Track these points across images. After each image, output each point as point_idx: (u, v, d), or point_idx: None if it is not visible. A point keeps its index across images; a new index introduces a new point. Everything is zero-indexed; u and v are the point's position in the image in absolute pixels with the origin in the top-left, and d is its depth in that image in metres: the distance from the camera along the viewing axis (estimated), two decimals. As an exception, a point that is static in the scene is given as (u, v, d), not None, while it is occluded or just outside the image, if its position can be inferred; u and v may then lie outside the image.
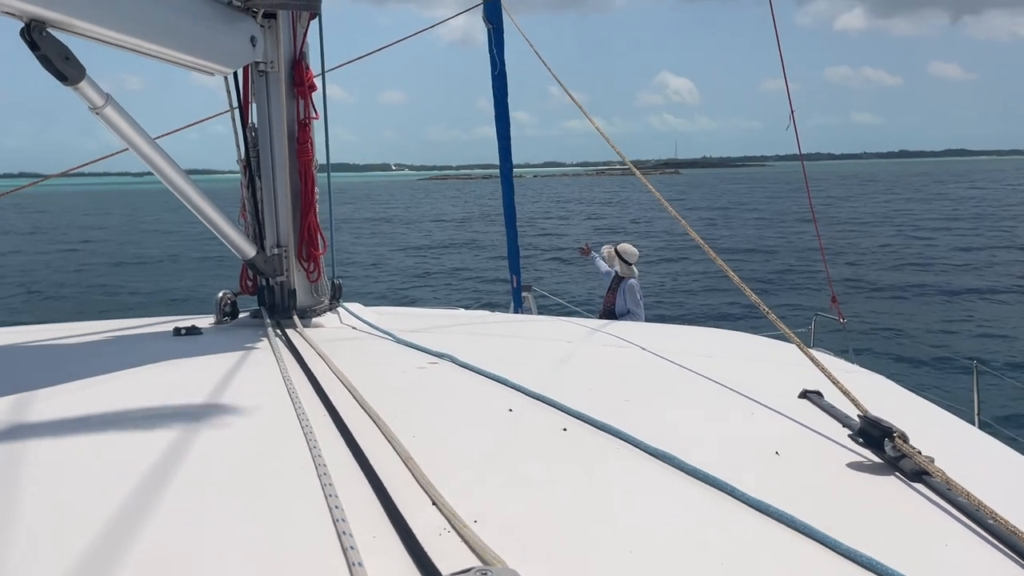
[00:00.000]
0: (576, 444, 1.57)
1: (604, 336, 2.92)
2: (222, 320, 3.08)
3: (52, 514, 1.23)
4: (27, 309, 17.13)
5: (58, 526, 1.18)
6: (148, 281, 21.59)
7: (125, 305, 17.48)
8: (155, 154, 2.51)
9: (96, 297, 18.92)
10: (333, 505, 1.21)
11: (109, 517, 1.21)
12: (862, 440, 1.51)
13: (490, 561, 1.03)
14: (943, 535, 1.21)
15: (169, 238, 33.54)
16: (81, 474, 1.40)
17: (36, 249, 30.54)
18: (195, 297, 16.84)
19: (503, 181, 7.08)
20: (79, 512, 1.23)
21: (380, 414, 1.70)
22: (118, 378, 2.16)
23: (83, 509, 1.25)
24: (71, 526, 1.18)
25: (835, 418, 1.73)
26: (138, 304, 17.56)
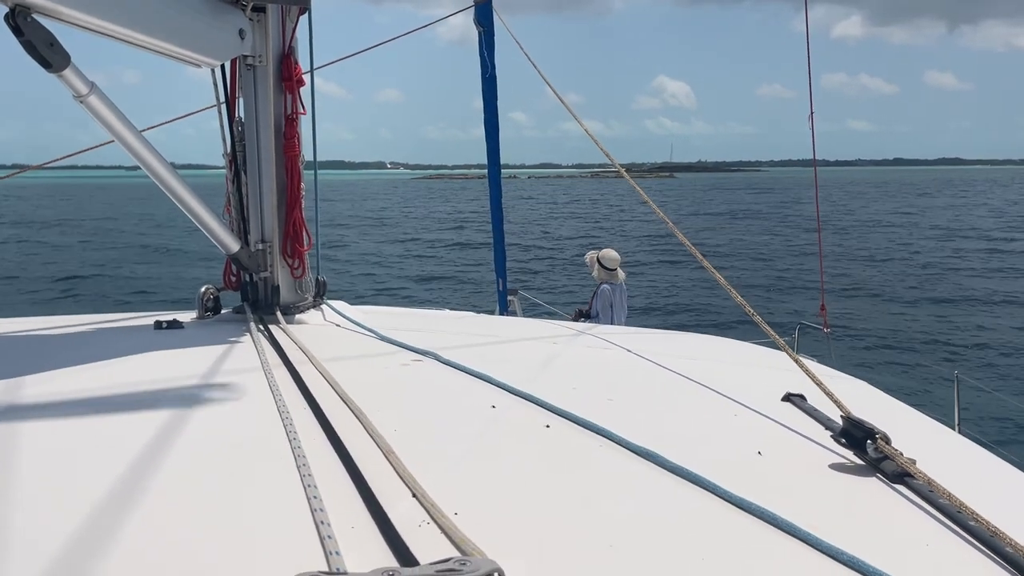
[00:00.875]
0: (558, 441, 1.57)
1: (589, 338, 2.92)
2: (204, 315, 3.05)
3: (26, 503, 1.21)
4: (9, 300, 16.99)
5: (31, 516, 1.17)
6: (130, 275, 21.47)
7: (105, 299, 17.37)
8: (140, 145, 2.49)
9: (73, 291, 18.78)
10: (311, 495, 1.20)
11: (84, 507, 1.19)
12: (844, 441, 1.51)
13: (470, 552, 1.02)
14: (925, 535, 1.21)
15: (155, 232, 33.36)
16: (55, 465, 1.38)
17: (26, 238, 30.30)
18: (180, 290, 16.74)
19: (491, 183, 7.08)
20: (51, 503, 1.22)
21: (362, 408, 1.68)
22: (96, 369, 2.14)
23: (55, 500, 1.23)
24: (44, 516, 1.17)
25: (817, 420, 1.74)
26: (118, 298, 17.45)
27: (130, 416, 1.67)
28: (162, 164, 2.57)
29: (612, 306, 7.73)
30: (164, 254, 25.73)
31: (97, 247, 28.36)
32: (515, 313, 7.51)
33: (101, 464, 1.38)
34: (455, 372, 2.11)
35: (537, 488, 1.33)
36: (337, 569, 0.97)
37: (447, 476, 1.35)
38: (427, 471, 1.32)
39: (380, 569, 0.91)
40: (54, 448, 1.47)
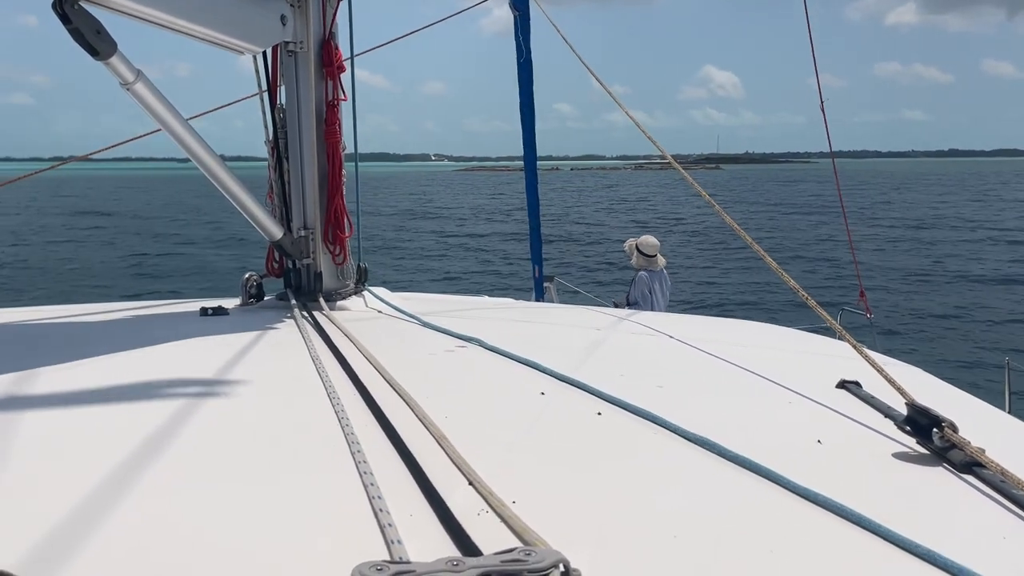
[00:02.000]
0: (612, 428, 1.54)
1: (631, 324, 2.87)
2: (248, 302, 3.08)
3: (81, 487, 1.21)
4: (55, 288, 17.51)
5: (88, 499, 1.17)
6: (176, 263, 21.96)
7: (151, 287, 17.77)
8: (185, 133, 2.51)
9: (122, 279, 19.28)
10: (368, 482, 1.18)
11: (135, 493, 1.19)
12: (909, 429, 1.46)
13: (532, 542, 1.00)
14: (1000, 528, 1.16)
15: (201, 221, 34.06)
16: (103, 450, 1.38)
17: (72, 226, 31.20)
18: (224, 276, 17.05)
19: (527, 171, 7.04)
20: (103, 487, 1.21)
21: (411, 394, 1.67)
22: (144, 354, 2.16)
23: (107, 484, 1.22)
24: (99, 501, 1.16)
25: (876, 408, 1.69)
26: (164, 286, 17.85)
27: (179, 401, 1.67)
28: (207, 151, 2.60)
29: (652, 292, 7.64)
30: (211, 243, 26.29)
31: (147, 236, 29.14)
32: (551, 299, 7.49)
33: (151, 450, 1.37)
34: (500, 358, 2.09)
35: (594, 476, 1.30)
36: (400, 558, 0.95)
37: (501, 464, 1.32)
38: (481, 458, 1.30)
39: (444, 559, 0.89)
40: (103, 433, 1.48)
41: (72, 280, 18.97)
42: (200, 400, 1.68)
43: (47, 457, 1.34)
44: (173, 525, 1.08)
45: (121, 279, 19.27)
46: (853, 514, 1.13)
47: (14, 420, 1.52)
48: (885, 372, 1.66)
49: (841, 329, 2.01)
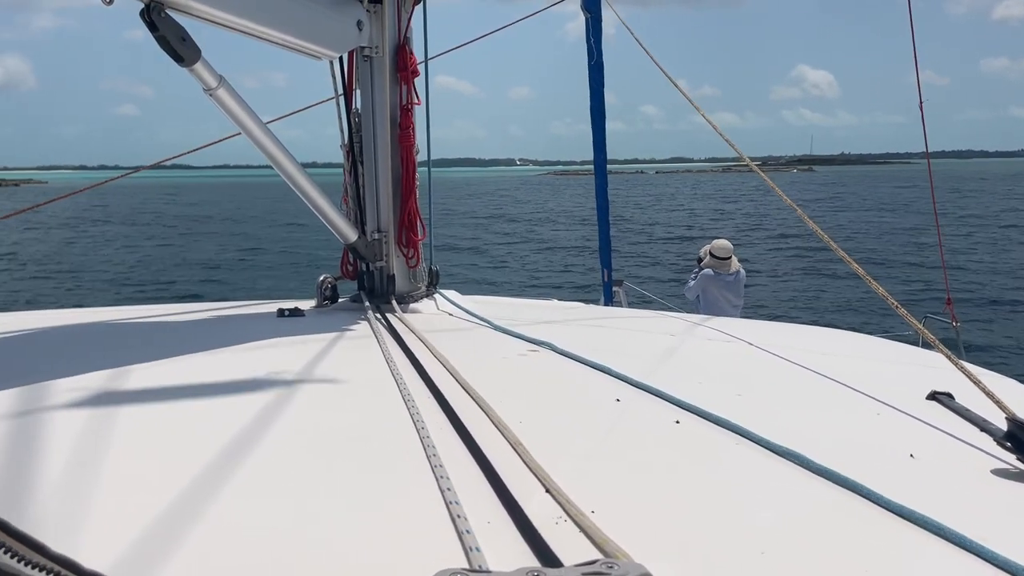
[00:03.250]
0: (691, 437, 1.49)
1: (707, 330, 2.78)
2: (323, 303, 3.14)
3: (157, 485, 1.23)
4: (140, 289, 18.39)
5: (160, 497, 1.18)
6: (252, 266, 22.73)
7: (228, 288, 18.42)
8: (265, 137, 2.58)
9: (198, 281, 20.06)
10: (445, 487, 1.17)
11: (212, 495, 1.20)
12: (1010, 445, 1.37)
13: (612, 553, 0.96)
14: None
15: (280, 224, 35.20)
16: (181, 451, 1.39)
17: (150, 235, 32.74)
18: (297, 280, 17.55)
19: (597, 174, 6.96)
20: (183, 485, 1.22)
21: (484, 398, 1.66)
22: (224, 354, 2.21)
23: (188, 482, 1.23)
24: (172, 499, 1.18)
25: (971, 421, 1.59)
26: (241, 287, 18.47)
27: (257, 402, 1.69)
28: (285, 156, 2.66)
29: (718, 294, 7.46)
30: (286, 245, 27.16)
31: (223, 240, 30.38)
32: (620, 304, 7.39)
33: (230, 451, 1.38)
34: (573, 363, 2.06)
35: (674, 486, 1.26)
36: (479, 566, 0.93)
37: (578, 471, 1.29)
38: (557, 465, 1.27)
39: (524, 569, 0.86)
40: (183, 432, 1.50)
41: (156, 281, 19.98)
42: (278, 401, 1.70)
43: (131, 456, 1.36)
44: (252, 527, 1.09)
45: (202, 280, 20.16)
46: (952, 533, 1.06)
47: (99, 417, 1.56)
48: (983, 384, 1.56)
49: (933, 339, 1.88)
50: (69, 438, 1.42)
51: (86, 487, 1.22)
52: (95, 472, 1.28)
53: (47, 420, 1.53)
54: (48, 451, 1.35)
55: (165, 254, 25.66)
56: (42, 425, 1.49)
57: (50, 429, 1.47)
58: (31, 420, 1.52)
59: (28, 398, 1.65)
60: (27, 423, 1.50)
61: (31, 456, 1.32)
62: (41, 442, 1.39)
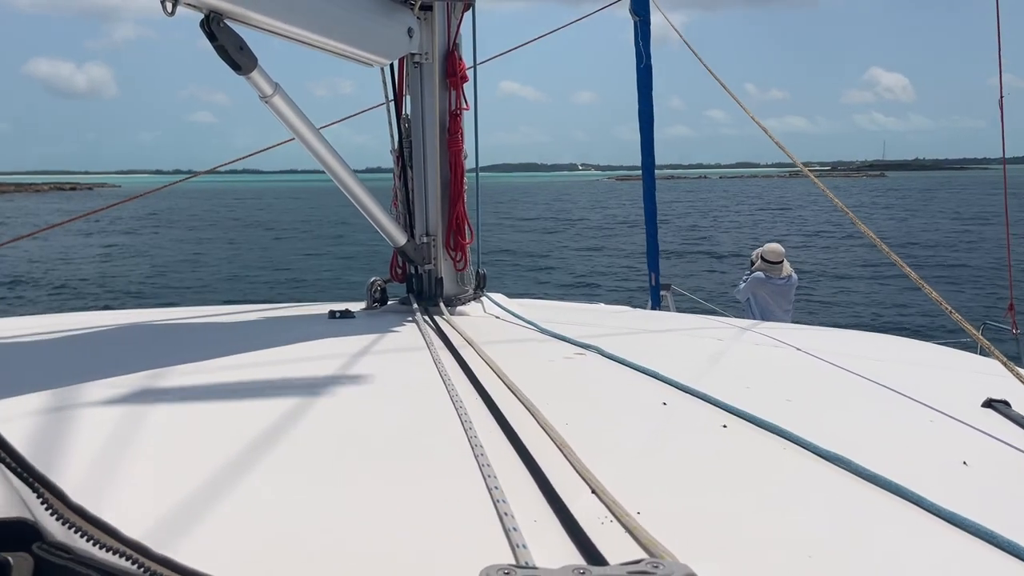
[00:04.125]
0: (738, 441, 1.49)
1: (755, 335, 2.75)
2: (372, 306, 3.20)
3: (207, 480, 1.25)
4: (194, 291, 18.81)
5: (212, 493, 1.21)
6: (304, 268, 23.09)
7: (280, 290, 18.72)
8: (318, 143, 2.64)
9: (253, 283, 20.45)
10: (492, 486, 1.19)
11: (269, 487, 1.23)
12: None
13: (658, 554, 0.97)
14: None
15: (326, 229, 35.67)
16: (237, 444, 1.42)
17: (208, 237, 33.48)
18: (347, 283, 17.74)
19: (644, 177, 6.93)
20: (235, 481, 1.25)
21: (531, 400, 1.67)
22: (277, 353, 2.26)
23: (240, 478, 1.26)
24: (225, 494, 1.20)
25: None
26: (293, 290, 18.76)
27: (309, 400, 1.73)
28: (337, 160, 2.72)
29: (768, 298, 7.35)
30: (337, 250, 27.55)
31: (280, 243, 30.96)
32: (668, 308, 7.33)
33: (280, 446, 1.42)
34: (620, 367, 2.06)
35: (720, 490, 1.26)
36: (526, 563, 0.94)
37: (624, 473, 1.30)
38: (603, 467, 1.28)
39: (570, 567, 0.87)
40: (234, 428, 1.53)
41: (212, 283, 20.46)
42: (328, 399, 1.74)
43: (189, 450, 1.41)
44: (304, 521, 1.11)
45: (255, 282, 20.61)
46: (1005, 541, 1.04)
47: (154, 415, 1.61)
48: None
49: (988, 344, 1.84)
50: (130, 431, 1.48)
51: (148, 477, 1.26)
52: (155, 463, 1.33)
53: (97, 412, 1.59)
54: (109, 441, 1.41)
55: (224, 256, 26.30)
56: (91, 416, 1.55)
57: (118, 420, 1.53)
58: (91, 411, 1.58)
59: (96, 391, 1.72)
60: (84, 413, 1.57)
61: (96, 447, 1.37)
62: (104, 433, 1.45)
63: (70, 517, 0.59)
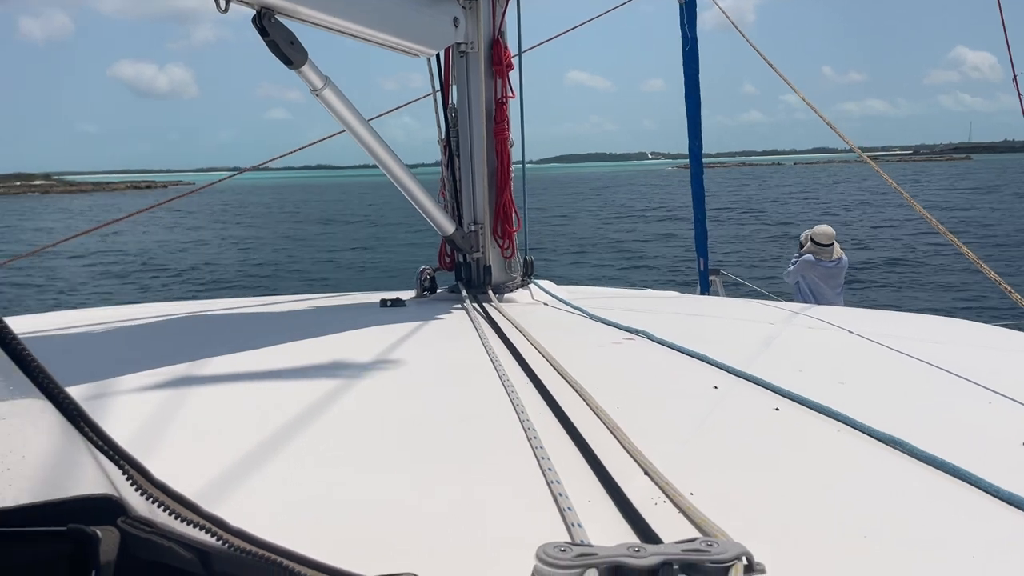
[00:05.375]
0: (791, 424, 1.48)
1: (807, 319, 2.71)
2: (422, 294, 3.25)
3: (262, 461, 1.29)
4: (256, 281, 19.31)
5: (275, 468, 1.25)
6: (354, 259, 23.43)
7: (332, 280, 19.05)
8: (368, 134, 2.69)
9: (307, 275, 20.85)
10: (546, 468, 1.20)
11: (327, 467, 1.26)
12: None
13: (712, 533, 0.97)
14: None
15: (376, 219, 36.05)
16: (295, 426, 1.46)
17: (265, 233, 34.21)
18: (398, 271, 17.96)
19: (692, 162, 6.86)
20: (290, 459, 1.29)
21: (582, 384, 1.69)
22: (331, 339, 2.32)
23: (295, 457, 1.30)
24: (284, 471, 1.24)
25: None
26: (345, 280, 19.06)
27: (366, 384, 1.77)
28: (387, 152, 2.77)
29: (819, 280, 7.16)
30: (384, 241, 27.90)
31: (328, 236, 31.51)
32: (717, 293, 7.22)
33: (337, 429, 1.46)
34: (670, 351, 2.06)
35: (773, 472, 1.26)
36: (581, 541, 0.96)
37: (676, 455, 1.30)
38: (655, 449, 1.29)
39: (625, 544, 0.87)
40: (292, 413, 1.56)
41: (269, 274, 20.99)
42: (383, 384, 1.78)
43: (247, 432, 1.45)
44: (364, 502, 1.14)
45: (313, 273, 21.02)
46: None
47: (213, 400, 1.68)
48: None
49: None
50: (193, 413, 1.54)
51: (211, 457, 1.31)
52: (217, 444, 1.38)
53: (174, 396, 1.66)
54: (175, 423, 1.47)
55: (283, 248, 26.95)
56: (153, 402, 1.62)
57: (163, 405, 1.59)
58: (138, 399, 1.65)
59: (158, 378, 1.79)
60: (134, 401, 1.63)
61: (163, 425, 1.44)
62: (169, 415, 1.51)
63: (153, 492, 0.62)
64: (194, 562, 0.62)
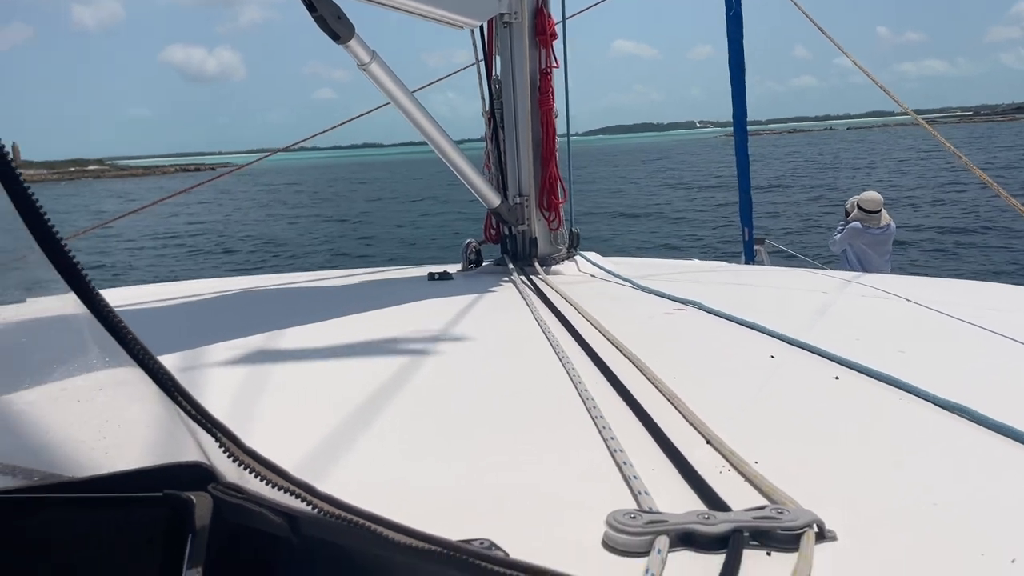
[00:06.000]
0: (852, 393, 1.45)
1: (860, 287, 2.66)
2: (468, 267, 3.27)
3: (323, 432, 1.30)
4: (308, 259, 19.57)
5: (329, 444, 1.25)
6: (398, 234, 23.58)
7: (374, 255, 19.18)
8: (414, 108, 2.70)
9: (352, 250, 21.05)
10: (608, 437, 1.20)
11: (386, 438, 1.28)
12: None
13: (780, 501, 0.96)
14: None
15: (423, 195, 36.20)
16: (353, 398, 1.46)
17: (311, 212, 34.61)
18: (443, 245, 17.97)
19: (736, 129, 6.71)
20: (354, 434, 1.29)
21: (636, 355, 1.67)
22: (381, 312, 2.35)
23: (359, 432, 1.30)
24: (343, 445, 1.24)
25: None
26: (389, 254, 19.19)
27: (417, 355, 1.79)
28: (433, 125, 2.78)
29: (867, 247, 6.99)
30: (429, 216, 28.03)
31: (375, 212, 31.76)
32: (762, 262, 7.08)
33: (395, 401, 1.47)
34: (723, 321, 2.04)
35: (836, 441, 1.24)
36: (650, 508, 0.95)
37: (737, 424, 1.28)
38: (715, 419, 1.27)
39: (695, 511, 0.89)
40: (351, 385, 1.58)
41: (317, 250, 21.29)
42: (437, 356, 1.80)
43: (298, 405, 1.47)
44: (433, 471, 1.15)
45: (358, 249, 21.26)
46: None
47: (273, 374, 1.70)
48: None
49: None
50: (261, 384, 1.57)
51: (284, 428, 1.34)
52: (277, 419, 1.41)
53: (224, 371, 1.69)
54: (244, 396, 1.51)
55: (329, 225, 27.34)
56: (218, 374, 1.66)
57: (228, 377, 1.63)
58: (206, 372, 1.69)
59: (217, 353, 1.83)
60: (208, 373, 1.67)
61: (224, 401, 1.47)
62: (228, 392, 1.54)
63: (245, 459, 0.63)
64: (283, 526, 0.63)
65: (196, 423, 0.63)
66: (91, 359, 0.65)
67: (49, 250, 0.55)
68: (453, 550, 0.57)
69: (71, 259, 0.55)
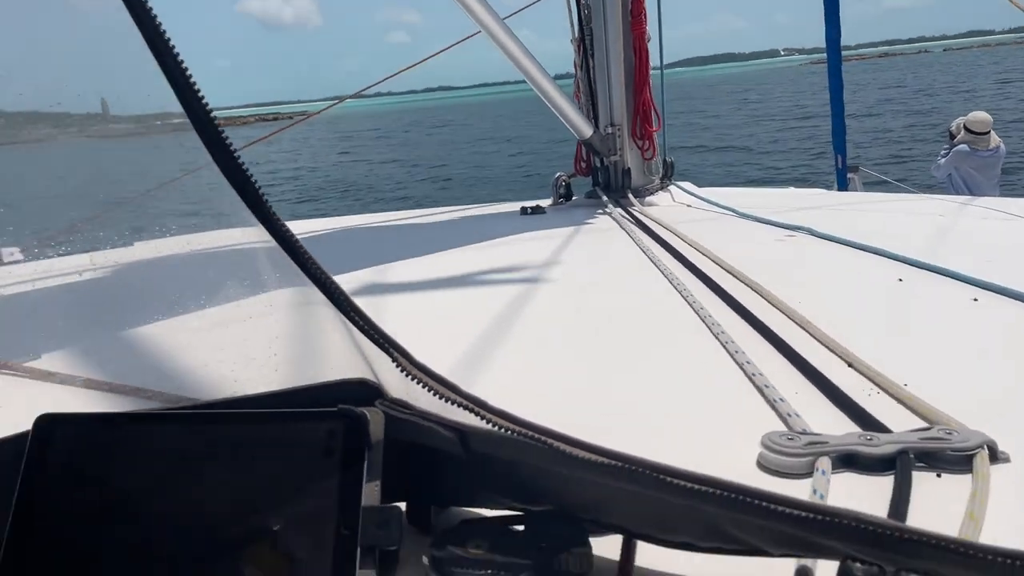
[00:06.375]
0: (994, 315, 1.36)
1: (978, 209, 2.49)
2: (558, 201, 3.23)
3: (462, 359, 1.29)
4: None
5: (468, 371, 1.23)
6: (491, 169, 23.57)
7: (464, 196, 19.30)
8: (505, 35, 2.64)
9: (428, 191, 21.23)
10: (743, 361, 1.15)
11: (520, 360, 1.26)
12: None
13: (940, 422, 0.89)
14: None
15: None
16: (476, 327, 1.45)
17: None
18: None
19: (829, 51, 6.32)
20: (483, 361, 1.28)
21: (756, 281, 1.61)
22: (479, 247, 2.33)
23: (488, 358, 1.29)
24: (478, 373, 1.22)
25: None
26: (476, 195, 19.28)
27: (529, 285, 1.77)
28: (524, 53, 2.71)
29: (975, 171, 6.53)
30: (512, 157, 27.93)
31: (468, 150, 31.86)
32: (856, 190, 6.73)
33: (518, 329, 1.45)
34: (840, 246, 1.95)
35: (986, 361, 1.16)
36: (803, 430, 0.90)
37: (877, 346, 1.21)
38: (853, 341, 1.20)
39: (855, 432, 0.84)
40: (472, 314, 1.56)
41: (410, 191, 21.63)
42: (550, 286, 1.77)
43: (431, 337, 1.45)
44: (579, 395, 1.12)
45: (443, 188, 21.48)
46: None
47: (378, 304, 1.70)
48: None
49: None
50: (386, 316, 1.60)
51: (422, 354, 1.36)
52: (418, 343, 1.43)
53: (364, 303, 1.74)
54: None
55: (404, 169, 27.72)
56: None
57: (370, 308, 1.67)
58: None
59: None
60: None
61: None
62: None
63: (416, 374, 0.63)
64: (454, 441, 0.62)
65: (370, 339, 0.62)
66: (265, 280, 0.65)
67: (237, 184, 0.56)
68: (632, 464, 0.55)
69: (258, 191, 0.57)
